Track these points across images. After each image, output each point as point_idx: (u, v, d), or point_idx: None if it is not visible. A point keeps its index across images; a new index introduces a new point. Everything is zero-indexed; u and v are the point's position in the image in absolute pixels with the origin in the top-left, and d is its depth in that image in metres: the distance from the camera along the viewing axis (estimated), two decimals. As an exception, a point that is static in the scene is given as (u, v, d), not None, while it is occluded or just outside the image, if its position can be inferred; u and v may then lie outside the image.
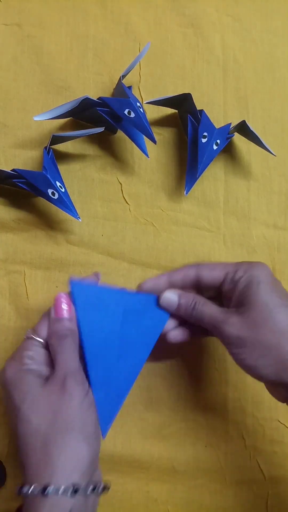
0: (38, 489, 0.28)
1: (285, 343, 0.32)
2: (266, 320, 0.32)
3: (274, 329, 0.32)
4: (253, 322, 0.33)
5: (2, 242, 0.43)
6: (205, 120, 0.42)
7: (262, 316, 0.32)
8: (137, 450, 0.43)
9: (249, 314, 0.33)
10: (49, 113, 0.40)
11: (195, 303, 0.36)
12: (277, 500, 0.44)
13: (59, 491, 0.28)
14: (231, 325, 0.33)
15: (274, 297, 0.33)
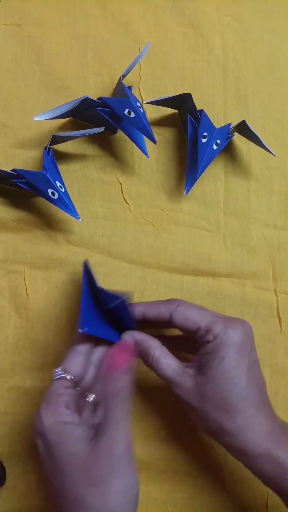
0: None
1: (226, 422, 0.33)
2: (216, 400, 0.33)
3: (221, 408, 0.33)
4: (204, 395, 0.34)
5: (2, 242, 0.43)
6: (205, 120, 0.42)
7: (214, 394, 0.33)
8: (137, 450, 0.43)
9: (203, 388, 0.34)
10: (49, 113, 0.40)
11: (149, 356, 0.35)
12: (277, 500, 0.44)
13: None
14: (183, 390, 0.35)
15: (233, 376, 0.33)
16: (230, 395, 0.33)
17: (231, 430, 0.33)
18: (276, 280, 0.47)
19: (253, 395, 0.34)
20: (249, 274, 0.46)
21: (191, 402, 0.34)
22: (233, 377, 0.33)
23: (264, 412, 0.34)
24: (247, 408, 0.33)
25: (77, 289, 0.43)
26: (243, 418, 0.33)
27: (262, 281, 0.47)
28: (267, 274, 0.47)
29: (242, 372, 0.33)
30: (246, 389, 0.33)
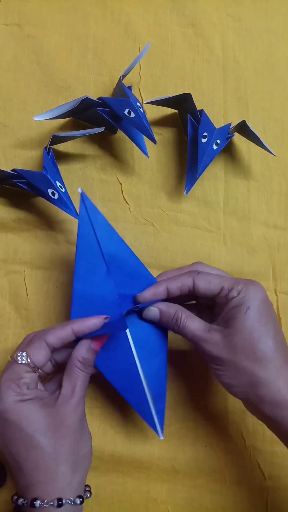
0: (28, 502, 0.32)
1: (258, 371, 0.34)
2: (246, 348, 0.34)
3: (251, 357, 0.34)
4: (234, 346, 0.34)
5: (2, 242, 0.43)
6: (205, 120, 0.42)
7: (244, 343, 0.34)
8: (137, 450, 0.43)
9: (232, 338, 0.34)
10: (49, 113, 0.40)
11: (177, 319, 0.37)
12: (277, 500, 0.44)
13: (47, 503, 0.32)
14: (212, 345, 0.35)
15: (259, 325, 0.34)
16: (260, 343, 0.34)
17: (264, 377, 0.34)
18: (276, 280, 0.47)
19: (281, 347, 0.34)
20: (249, 274, 0.46)
21: (221, 356, 0.35)
22: (260, 326, 0.34)
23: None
24: (277, 357, 0.34)
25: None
26: (274, 366, 0.34)
27: (262, 281, 0.46)
28: (267, 274, 0.47)
29: (270, 322, 0.35)
30: (274, 339, 0.34)
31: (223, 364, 0.35)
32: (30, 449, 0.33)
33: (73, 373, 0.35)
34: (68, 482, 0.33)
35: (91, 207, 0.37)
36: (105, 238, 0.37)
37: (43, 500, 0.31)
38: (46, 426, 0.33)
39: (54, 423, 0.33)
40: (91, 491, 0.36)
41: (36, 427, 0.33)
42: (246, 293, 0.35)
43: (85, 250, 0.36)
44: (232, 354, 0.34)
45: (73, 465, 0.33)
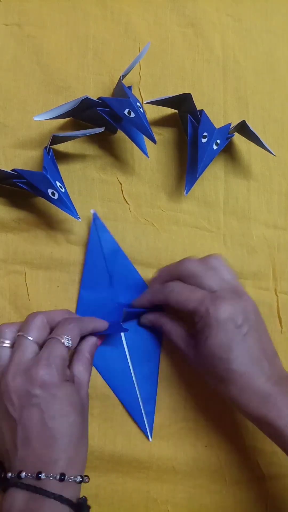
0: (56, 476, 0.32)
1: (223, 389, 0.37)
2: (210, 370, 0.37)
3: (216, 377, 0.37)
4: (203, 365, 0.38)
5: (2, 242, 0.43)
6: (205, 120, 0.42)
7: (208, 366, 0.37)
8: (137, 450, 0.43)
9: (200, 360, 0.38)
10: (49, 113, 0.40)
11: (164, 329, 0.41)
12: (277, 500, 0.44)
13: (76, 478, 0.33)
14: (190, 358, 0.39)
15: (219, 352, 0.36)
16: (219, 369, 0.36)
17: (230, 396, 0.36)
18: (276, 280, 0.47)
19: (243, 367, 0.36)
20: (249, 274, 0.46)
21: (197, 368, 0.39)
22: (218, 354, 0.36)
23: (261, 381, 0.36)
24: (238, 378, 0.36)
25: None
26: (235, 387, 0.36)
27: (262, 281, 0.47)
28: (267, 274, 0.47)
29: (228, 349, 0.36)
30: (234, 363, 0.36)
31: (202, 374, 0.39)
32: (70, 427, 0.34)
33: (86, 363, 0.38)
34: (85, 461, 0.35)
35: (101, 226, 0.43)
36: (111, 255, 0.43)
37: (70, 475, 0.33)
38: (81, 409, 0.35)
39: (83, 408, 0.36)
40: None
41: (75, 408, 0.35)
42: (206, 320, 0.36)
43: (93, 264, 0.42)
44: (203, 372, 0.39)
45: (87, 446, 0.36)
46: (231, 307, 0.36)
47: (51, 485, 0.32)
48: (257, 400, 0.35)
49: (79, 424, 0.34)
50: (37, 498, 0.32)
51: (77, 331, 0.37)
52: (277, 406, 0.35)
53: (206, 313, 0.36)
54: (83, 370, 0.38)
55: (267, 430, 0.36)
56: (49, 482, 0.32)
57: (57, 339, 0.36)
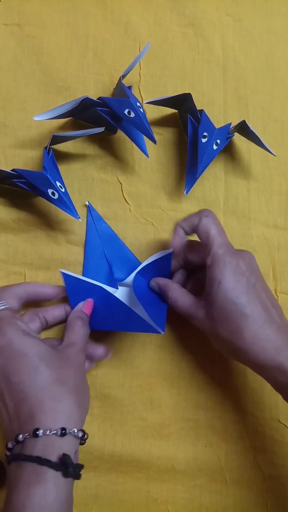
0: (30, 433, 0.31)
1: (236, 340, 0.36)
2: (222, 321, 0.36)
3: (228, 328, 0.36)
4: (213, 320, 0.37)
5: (2, 243, 0.43)
6: (205, 120, 0.42)
7: (219, 316, 0.37)
8: (137, 450, 0.43)
9: (211, 313, 0.37)
10: (49, 113, 0.40)
11: (169, 297, 0.41)
12: (277, 500, 0.44)
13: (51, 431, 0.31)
14: (197, 320, 0.39)
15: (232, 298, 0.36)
16: (233, 315, 0.36)
17: (242, 346, 0.36)
18: (276, 280, 0.47)
19: (257, 313, 0.36)
20: (249, 274, 0.46)
21: (206, 329, 0.38)
22: (232, 298, 0.36)
23: (273, 328, 0.36)
24: (251, 325, 0.36)
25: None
26: (249, 334, 0.36)
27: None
28: (267, 274, 0.47)
29: (242, 293, 0.36)
30: (248, 308, 0.36)
31: (209, 336, 0.39)
32: (36, 375, 0.33)
33: (75, 327, 0.39)
34: (71, 413, 0.33)
35: (95, 215, 0.45)
36: (107, 239, 0.45)
37: (47, 428, 0.31)
38: (51, 359, 0.34)
39: (59, 360, 0.35)
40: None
41: (42, 358, 0.34)
42: (218, 263, 0.37)
43: (92, 245, 0.44)
44: (213, 327, 0.37)
45: (76, 400, 0.34)
46: (240, 256, 0.38)
47: (30, 445, 0.31)
48: (272, 347, 0.35)
49: (48, 371, 0.33)
50: (19, 466, 0.31)
51: (9, 291, 0.38)
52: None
53: (218, 260, 0.37)
54: (71, 334, 0.38)
55: (281, 381, 0.35)
56: (29, 442, 0.31)
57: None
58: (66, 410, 0.32)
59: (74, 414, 0.33)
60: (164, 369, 0.44)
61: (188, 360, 0.45)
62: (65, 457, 0.30)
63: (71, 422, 0.32)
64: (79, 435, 0.32)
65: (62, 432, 0.31)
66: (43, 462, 0.30)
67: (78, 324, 0.39)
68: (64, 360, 0.35)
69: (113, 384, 0.43)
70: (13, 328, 0.35)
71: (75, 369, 0.36)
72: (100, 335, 0.43)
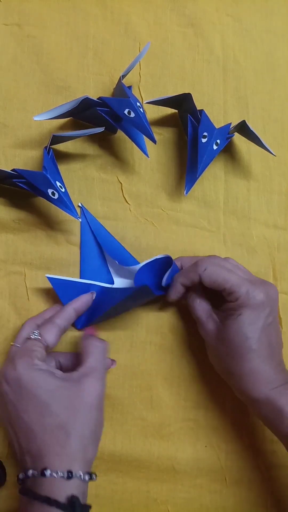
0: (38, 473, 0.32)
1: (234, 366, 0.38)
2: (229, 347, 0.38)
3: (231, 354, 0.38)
4: (221, 340, 0.39)
5: (2, 243, 0.43)
6: (205, 120, 0.42)
7: (228, 343, 0.38)
8: (137, 450, 0.43)
9: (221, 334, 0.39)
10: (49, 113, 0.40)
11: (188, 297, 0.41)
12: (278, 499, 0.44)
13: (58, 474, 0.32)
14: (205, 330, 0.40)
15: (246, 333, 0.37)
16: (241, 346, 0.37)
17: (238, 373, 0.38)
18: (276, 280, 0.47)
19: (263, 350, 0.37)
20: (249, 274, 0.46)
21: (210, 342, 0.40)
22: (246, 332, 0.37)
23: (272, 365, 0.37)
24: (254, 359, 0.37)
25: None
26: (249, 366, 0.37)
27: (262, 281, 0.47)
28: (267, 274, 0.47)
29: (256, 330, 0.37)
30: (256, 344, 0.37)
31: (210, 348, 0.40)
32: (45, 416, 0.33)
33: (93, 350, 0.37)
34: (78, 457, 0.33)
35: (89, 216, 0.45)
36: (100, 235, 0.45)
37: (54, 470, 0.31)
38: (62, 398, 0.34)
39: (72, 397, 0.34)
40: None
41: (52, 397, 0.34)
42: (243, 300, 0.37)
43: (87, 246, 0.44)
44: (218, 345, 0.39)
45: (85, 442, 0.33)
46: (265, 293, 0.38)
47: (39, 484, 0.31)
48: (267, 383, 0.37)
49: (56, 412, 0.33)
50: (29, 501, 0.31)
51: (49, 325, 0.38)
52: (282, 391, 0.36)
53: (246, 294, 0.37)
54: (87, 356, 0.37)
55: (270, 414, 0.37)
56: (38, 481, 0.32)
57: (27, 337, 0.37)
58: (70, 455, 0.33)
59: (78, 459, 0.33)
60: (164, 369, 0.44)
61: (188, 360, 0.45)
62: (73, 499, 0.31)
63: (76, 466, 0.32)
64: (86, 478, 0.33)
65: (69, 475, 0.32)
66: (51, 502, 0.31)
67: (97, 344, 0.38)
68: (77, 396, 0.34)
69: (113, 384, 0.43)
70: (26, 362, 0.35)
71: (88, 406, 0.34)
72: (100, 336, 0.43)
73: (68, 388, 0.34)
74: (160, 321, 0.44)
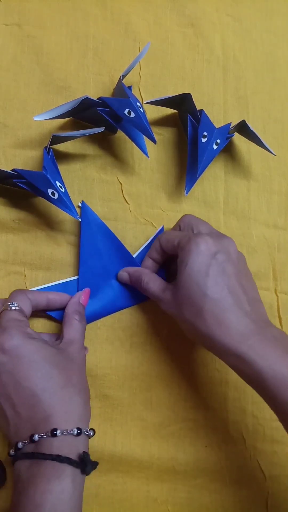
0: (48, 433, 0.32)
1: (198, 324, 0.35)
2: (186, 304, 0.36)
3: (192, 311, 0.36)
4: (179, 303, 0.37)
5: (2, 243, 0.43)
6: (205, 120, 0.42)
7: (184, 299, 0.36)
8: (137, 450, 0.43)
9: (177, 295, 0.37)
10: (49, 113, 0.40)
11: (141, 281, 0.41)
12: (277, 499, 0.44)
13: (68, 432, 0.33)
14: (165, 303, 0.39)
15: (197, 280, 0.35)
16: (195, 295, 0.35)
17: (204, 330, 0.35)
18: (276, 280, 0.47)
19: (221, 296, 0.35)
20: (249, 274, 0.46)
21: (172, 312, 0.38)
22: (195, 278, 0.35)
23: (238, 314, 0.35)
24: (214, 308, 0.35)
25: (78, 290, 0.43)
26: (211, 317, 0.35)
27: (262, 281, 0.47)
28: (267, 274, 0.47)
29: (206, 275, 0.35)
30: (209, 289, 0.35)
31: (177, 320, 0.38)
32: (47, 379, 0.34)
33: (73, 323, 0.39)
34: (82, 414, 0.34)
35: (90, 212, 0.44)
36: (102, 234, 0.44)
37: (64, 429, 0.32)
38: (58, 362, 0.35)
39: (65, 361, 0.36)
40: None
41: (51, 361, 0.35)
42: (187, 248, 0.36)
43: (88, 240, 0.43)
44: (179, 310, 0.37)
45: (84, 400, 0.35)
46: (211, 240, 0.37)
47: (47, 445, 0.32)
48: (235, 335, 0.34)
49: (57, 374, 0.34)
50: (36, 463, 0.32)
51: (21, 296, 0.38)
52: (257, 345, 0.33)
53: (188, 242, 0.37)
54: (71, 330, 0.39)
55: (243, 370, 0.34)
56: (45, 442, 0.32)
57: (5, 309, 0.37)
58: (76, 411, 0.34)
59: (84, 414, 0.35)
60: (164, 369, 0.44)
61: (188, 360, 0.45)
62: (84, 454, 0.32)
63: (82, 422, 0.34)
64: (90, 434, 0.34)
65: (78, 432, 0.33)
66: (63, 459, 0.31)
67: (76, 319, 0.39)
68: (69, 361, 0.36)
69: (113, 384, 0.43)
70: (20, 331, 0.35)
71: (79, 369, 0.37)
72: (100, 336, 0.43)
73: (60, 354, 0.36)
74: (160, 321, 0.44)
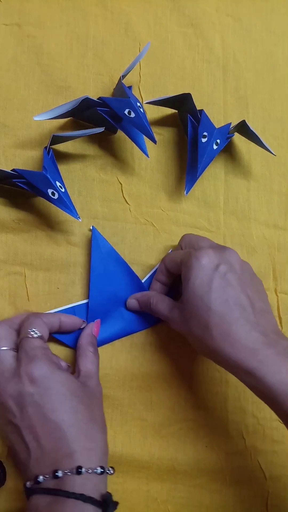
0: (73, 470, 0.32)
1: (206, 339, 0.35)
2: (193, 319, 0.36)
3: (199, 326, 0.35)
4: (186, 319, 0.36)
5: (2, 243, 0.43)
6: (205, 120, 0.42)
7: (190, 315, 0.36)
8: (137, 450, 0.43)
9: (184, 312, 0.37)
10: (49, 113, 0.40)
11: (150, 304, 0.41)
12: (278, 499, 0.44)
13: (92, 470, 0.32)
14: (174, 322, 0.39)
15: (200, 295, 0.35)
16: (201, 310, 0.35)
17: (212, 344, 0.34)
18: (276, 280, 0.47)
19: (226, 310, 0.34)
20: (249, 274, 0.46)
21: (182, 330, 0.38)
22: (199, 293, 0.35)
23: (245, 327, 0.34)
24: (220, 322, 0.34)
25: (79, 289, 0.43)
26: (218, 332, 0.34)
27: (262, 281, 0.47)
28: (267, 274, 0.47)
29: (209, 288, 0.35)
30: (214, 303, 0.34)
31: (187, 337, 0.38)
32: (73, 413, 0.34)
33: (88, 355, 0.39)
34: (105, 451, 0.35)
35: (100, 237, 0.44)
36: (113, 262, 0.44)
37: (88, 467, 0.32)
38: (83, 396, 0.35)
39: (88, 396, 0.35)
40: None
41: (77, 395, 0.34)
42: (189, 265, 0.36)
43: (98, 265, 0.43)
44: (187, 327, 0.37)
45: (105, 437, 0.35)
46: (213, 253, 0.36)
47: (70, 482, 0.31)
48: (244, 349, 0.33)
49: (83, 409, 0.34)
50: (58, 500, 0.31)
51: (39, 321, 0.38)
52: (267, 360, 0.32)
53: (189, 258, 0.37)
54: (87, 363, 0.38)
55: (255, 386, 0.33)
56: (68, 479, 0.31)
57: (26, 336, 0.36)
58: (99, 448, 0.34)
59: (105, 452, 0.35)
60: (164, 370, 0.44)
61: (188, 360, 0.45)
62: (108, 495, 0.32)
63: (104, 460, 0.34)
64: (111, 472, 0.34)
65: (101, 471, 0.32)
66: (86, 499, 0.31)
67: (91, 351, 0.39)
68: (90, 396, 0.36)
69: (113, 384, 0.43)
70: (48, 360, 0.35)
71: (98, 404, 0.37)
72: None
73: (82, 387, 0.36)
74: (160, 322, 0.44)
